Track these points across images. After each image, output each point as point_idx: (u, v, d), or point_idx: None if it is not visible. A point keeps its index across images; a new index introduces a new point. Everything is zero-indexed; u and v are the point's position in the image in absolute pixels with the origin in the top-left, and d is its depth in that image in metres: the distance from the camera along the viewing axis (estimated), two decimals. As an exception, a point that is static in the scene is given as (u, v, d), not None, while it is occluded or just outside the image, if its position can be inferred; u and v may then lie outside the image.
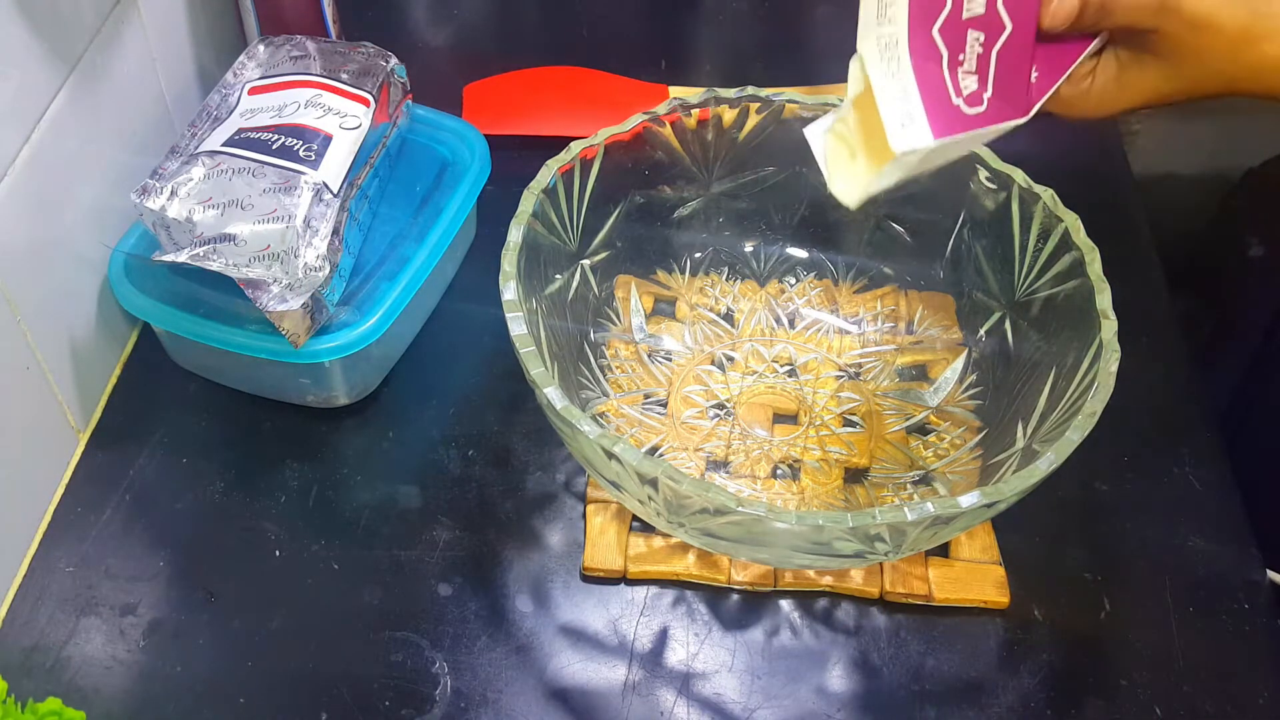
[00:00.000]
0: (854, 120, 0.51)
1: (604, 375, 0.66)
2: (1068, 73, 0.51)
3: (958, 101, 0.49)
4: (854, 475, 0.63)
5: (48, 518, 0.62)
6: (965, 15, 0.48)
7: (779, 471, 0.63)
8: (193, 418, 0.66)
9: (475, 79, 0.85)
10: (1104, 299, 0.55)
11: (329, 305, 0.60)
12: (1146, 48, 0.50)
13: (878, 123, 0.49)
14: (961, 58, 0.48)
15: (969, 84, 0.49)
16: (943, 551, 0.60)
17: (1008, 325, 0.64)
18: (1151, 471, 0.65)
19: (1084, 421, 0.51)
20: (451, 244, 0.67)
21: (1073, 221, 0.59)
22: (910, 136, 0.49)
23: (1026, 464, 0.50)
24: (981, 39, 0.49)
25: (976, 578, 0.59)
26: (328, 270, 0.59)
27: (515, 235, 0.58)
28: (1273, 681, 0.57)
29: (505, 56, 0.88)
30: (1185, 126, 1.07)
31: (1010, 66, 0.49)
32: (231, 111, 0.64)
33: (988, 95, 0.49)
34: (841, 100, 0.59)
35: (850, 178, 0.52)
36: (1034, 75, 0.50)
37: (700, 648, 0.58)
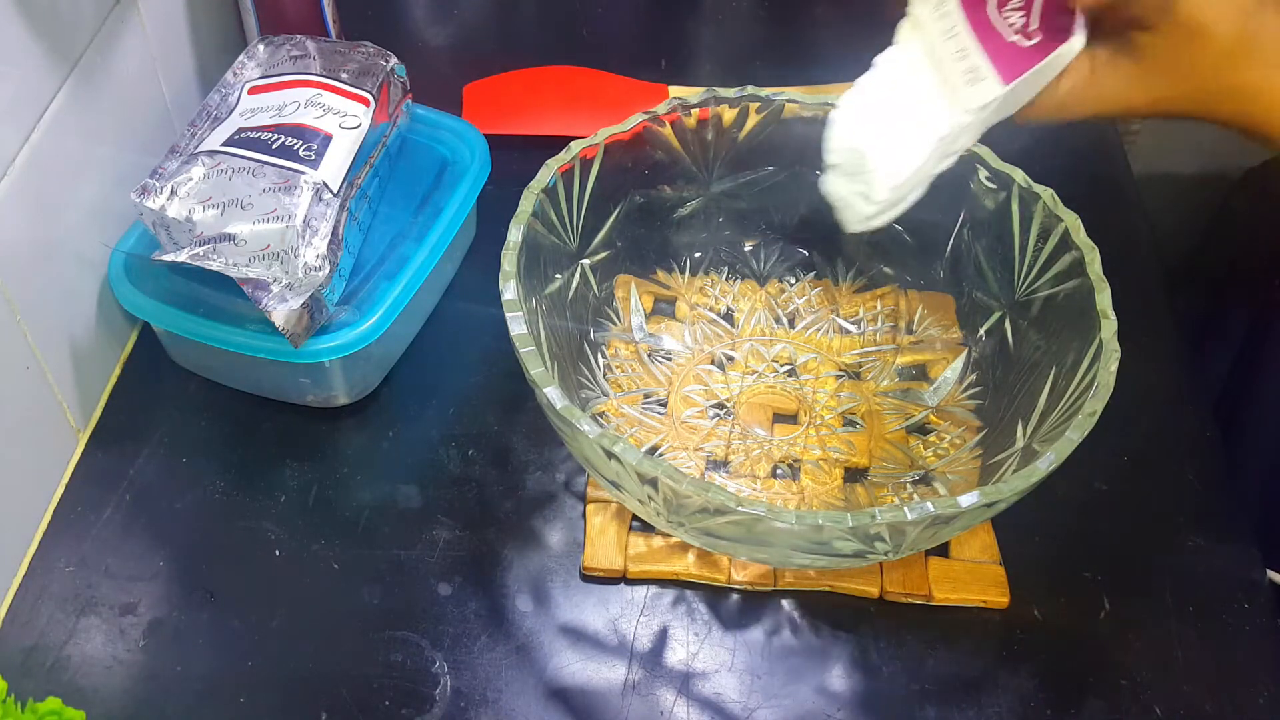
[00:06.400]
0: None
1: (604, 375, 0.66)
2: None
3: (1014, 38, 0.49)
4: (854, 475, 0.63)
5: (48, 518, 0.62)
6: None
7: (779, 471, 0.63)
8: (193, 418, 0.66)
9: (475, 79, 0.85)
10: (1104, 299, 0.55)
11: (329, 305, 0.60)
12: (1127, 50, 0.49)
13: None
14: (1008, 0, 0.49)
15: (1015, 20, 0.49)
16: (943, 551, 0.60)
17: (1008, 325, 0.64)
18: (1151, 471, 0.65)
19: (1084, 421, 0.51)
20: (451, 244, 0.67)
21: (1073, 221, 0.59)
22: (980, 91, 0.49)
23: (1026, 464, 0.50)
24: None
25: (976, 577, 0.59)
26: (328, 270, 0.59)
27: (515, 235, 0.58)
28: (1273, 681, 0.57)
29: (505, 56, 0.88)
30: (1185, 126, 1.06)
31: None
32: (231, 111, 0.64)
33: (1034, 27, 0.49)
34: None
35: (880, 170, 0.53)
36: None
37: (700, 647, 0.58)
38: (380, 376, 0.67)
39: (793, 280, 0.71)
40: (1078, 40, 0.49)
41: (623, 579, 0.60)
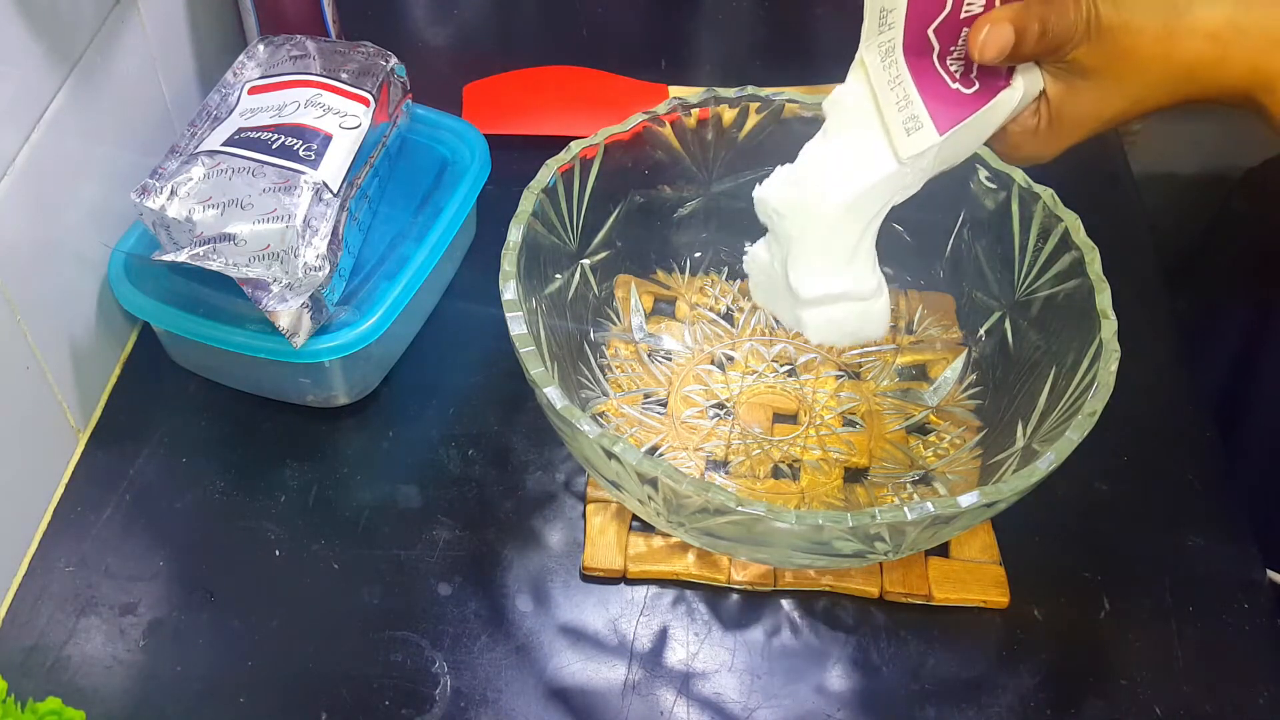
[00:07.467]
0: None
1: (604, 375, 0.66)
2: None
3: (955, 86, 0.49)
4: (854, 475, 0.63)
5: (48, 518, 0.62)
6: (963, 15, 0.48)
7: (779, 471, 0.63)
8: (193, 418, 0.66)
9: (475, 79, 0.85)
10: (1104, 298, 0.55)
11: (329, 305, 0.60)
12: (1076, 71, 0.49)
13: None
14: (952, 49, 0.49)
15: (957, 67, 0.49)
16: (943, 551, 0.60)
17: (1007, 325, 0.64)
18: (1151, 471, 0.65)
19: (1084, 421, 0.51)
20: (451, 244, 0.67)
21: (1072, 221, 0.59)
22: (917, 140, 0.49)
23: (1026, 464, 0.50)
24: None
25: (976, 577, 0.59)
26: (327, 270, 0.59)
27: (515, 235, 0.58)
28: (1273, 681, 0.57)
29: (505, 56, 0.88)
30: (1185, 126, 1.07)
31: None
32: (231, 111, 0.64)
33: (974, 74, 0.49)
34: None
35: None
36: None
37: (700, 647, 0.58)
38: (380, 376, 0.67)
39: (793, 280, 0.71)
40: (1015, 89, 0.49)
41: (623, 579, 0.60)
